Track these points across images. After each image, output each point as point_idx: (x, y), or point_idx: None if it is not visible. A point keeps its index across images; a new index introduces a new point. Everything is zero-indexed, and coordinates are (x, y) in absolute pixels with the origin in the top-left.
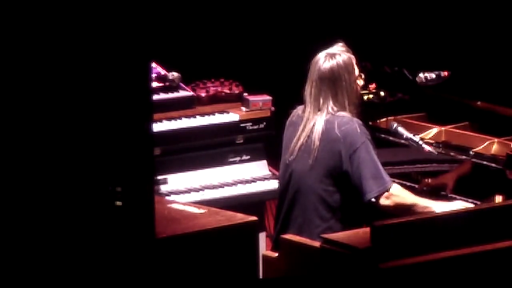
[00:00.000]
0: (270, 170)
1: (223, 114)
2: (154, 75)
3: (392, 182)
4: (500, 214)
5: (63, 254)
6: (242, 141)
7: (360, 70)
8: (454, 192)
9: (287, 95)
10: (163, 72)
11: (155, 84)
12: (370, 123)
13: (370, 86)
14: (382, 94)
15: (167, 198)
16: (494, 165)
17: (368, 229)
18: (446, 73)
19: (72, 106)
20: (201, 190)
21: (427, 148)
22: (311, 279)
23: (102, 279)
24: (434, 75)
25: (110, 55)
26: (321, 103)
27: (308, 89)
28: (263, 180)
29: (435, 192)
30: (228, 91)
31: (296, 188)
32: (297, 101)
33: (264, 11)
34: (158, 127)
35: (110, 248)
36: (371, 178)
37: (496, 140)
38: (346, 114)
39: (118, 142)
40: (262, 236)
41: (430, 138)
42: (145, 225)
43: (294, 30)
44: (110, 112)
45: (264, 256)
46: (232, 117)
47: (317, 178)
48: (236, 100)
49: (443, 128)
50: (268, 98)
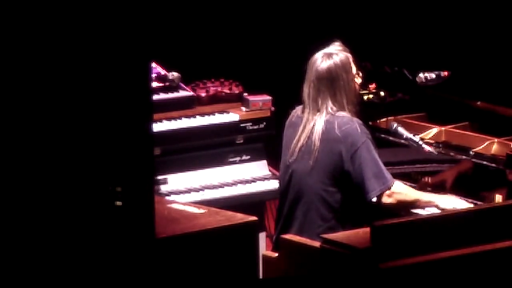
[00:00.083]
0: (270, 170)
1: (223, 114)
2: (154, 75)
3: (393, 180)
4: (500, 214)
5: (63, 254)
6: (242, 141)
7: (357, 68)
8: (454, 192)
9: (287, 95)
10: (163, 72)
11: (155, 84)
12: (370, 123)
13: (370, 86)
14: (382, 94)
15: (167, 198)
16: (494, 165)
17: (368, 229)
18: (446, 73)
19: (72, 106)
20: (201, 190)
21: (427, 148)
22: (311, 279)
23: (102, 279)
24: (434, 75)
25: (110, 55)
26: (320, 104)
27: (306, 90)
28: (263, 180)
29: (435, 190)
30: (228, 91)
31: (297, 189)
32: (297, 101)
33: (264, 11)
34: (158, 127)
35: (110, 248)
36: (373, 177)
37: (496, 140)
38: (345, 114)
39: (118, 142)
40: (262, 236)
41: (430, 138)
42: (145, 225)
43: (294, 30)
44: (110, 112)
45: (264, 256)
46: (232, 117)
47: (318, 178)
48: (236, 100)
49: (443, 128)
50: (268, 98)
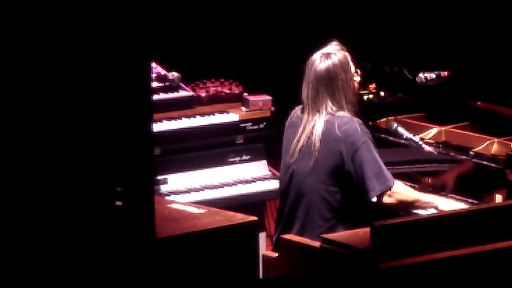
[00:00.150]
0: (270, 170)
1: (223, 114)
2: (154, 75)
3: (394, 180)
4: (500, 214)
5: (63, 254)
6: (242, 141)
7: (356, 67)
8: (454, 192)
9: (287, 95)
10: (163, 72)
11: (155, 84)
12: (370, 123)
13: (370, 86)
14: (382, 94)
15: (167, 198)
16: (494, 165)
17: (368, 229)
18: (446, 73)
19: (72, 106)
20: (201, 190)
21: (427, 148)
22: (311, 279)
23: (102, 279)
24: (434, 75)
25: (110, 55)
26: (319, 104)
27: (305, 90)
28: (263, 180)
29: (435, 192)
30: (228, 91)
31: (297, 189)
32: (296, 101)
33: (264, 11)
34: (158, 127)
35: (110, 248)
36: (374, 177)
37: (496, 140)
38: (345, 114)
39: (118, 142)
40: (262, 236)
41: (430, 138)
42: (145, 225)
43: (294, 30)
44: (110, 112)
45: (264, 256)
46: (232, 117)
47: (318, 179)
48: (236, 100)
49: (443, 128)
50: (268, 98)
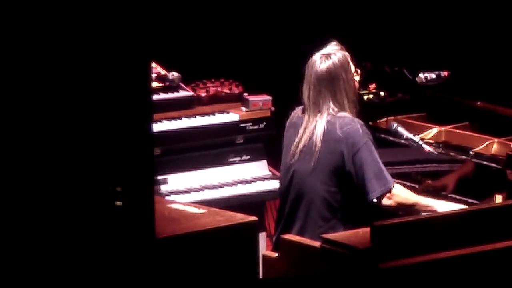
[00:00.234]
0: (270, 170)
1: (223, 114)
2: (154, 75)
3: (394, 182)
4: (500, 214)
5: (63, 254)
6: (242, 141)
7: (355, 66)
8: (454, 192)
9: (287, 95)
10: (163, 72)
11: (155, 84)
12: (370, 123)
13: (370, 86)
14: (382, 94)
15: (167, 198)
16: (494, 165)
17: (368, 229)
18: (446, 73)
19: (72, 106)
20: (201, 190)
21: (427, 148)
22: (311, 279)
23: (102, 279)
24: (434, 75)
25: (110, 55)
26: (321, 105)
27: (306, 91)
28: (263, 180)
29: (436, 193)
30: (228, 91)
31: (298, 189)
32: (297, 101)
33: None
34: (158, 127)
35: (110, 248)
36: (374, 178)
37: (496, 140)
38: (347, 114)
39: (118, 142)
40: (262, 236)
41: (430, 138)
42: (145, 225)
43: (294, 30)
44: (110, 112)
45: (264, 256)
46: (232, 117)
47: (319, 179)
48: (236, 100)
49: (443, 128)
50: (268, 98)
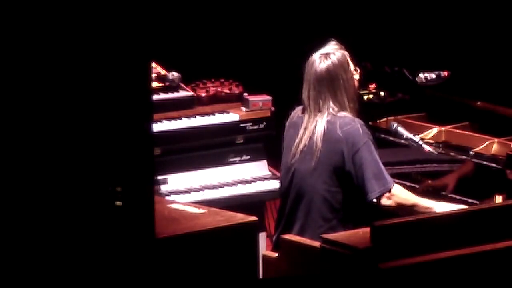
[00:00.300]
0: (270, 170)
1: (223, 114)
2: (154, 75)
3: (393, 182)
4: (500, 214)
5: (63, 254)
6: (242, 141)
7: (354, 65)
8: (454, 192)
9: (287, 95)
10: (163, 72)
11: (155, 84)
12: (370, 123)
13: (370, 86)
14: (382, 94)
15: (167, 198)
16: (494, 165)
17: (368, 229)
18: (446, 73)
19: (72, 106)
20: (201, 190)
21: (427, 148)
22: (311, 279)
23: (102, 279)
24: (434, 75)
25: (110, 55)
26: (321, 105)
27: (306, 91)
28: (263, 180)
29: (436, 192)
30: (228, 91)
31: (298, 189)
32: (297, 101)
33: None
34: (158, 127)
35: (110, 248)
36: (373, 178)
37: (496, 140)
38: (347, 114)
39: (118, 142)
40: (262, 236)
41: (430, 138)
42: (145, 225)
43: (294, 30)
44: (110, 112)
45: (264, 256)
46: (232, 117)
47: (320, 179)
48: (236, 100)
49: (443, 128)
50: (268, 98)
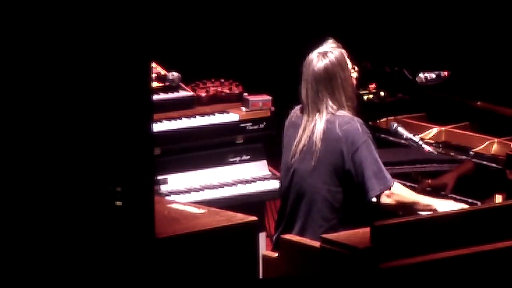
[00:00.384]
0: (270, 170)
1: (223, 114)
2: (154, 75)
3: (393, 181)
4: (500, 214)
5: (63, 254)
6: (242, 141)
7: (352, 63)
8: (454, 192)
9: (287, 95)
10: (163, 72)
11: (155, 84)
12: (370, 123)
13: (370, 86)
14: (382, 94)
15: (167, 198)
16: (494, 165)
17: (368, 229)
18: (446, 73)
19: (72, 106)
20: (201, 190)
21: (427, 148)
22: (311, 279)
23: (102, 279)
24: (434, 75)
25: (110, 55)
26: (319, 104)
27: (304, 90)
28: (263, 180)
29: (436, 192)
30: (228, 91)
31: (298, 189)
32: (296, 101)
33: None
34: (158, 127)
35: (110, 248)
36: (373, 177)
37: (496, 140)
38: (346, 113)
39: (118, 142)
40: (262, 236)
41: (430, 138)
42: (145, 225)
43: (294, 30)
44: (110, 112)
45: (264, 256)
46: (232, 117)
47: (320, 178)
48: (236, 100)
49: (443, 128)
50: (268, 98)
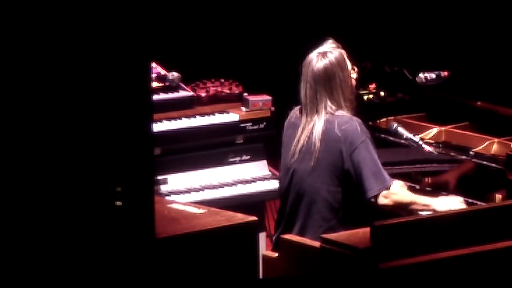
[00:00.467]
0: (270, 170)
1: (223, 114)
2: (154, 75)
3: (392, 181)
4: (500, 214)
5: (63, 254)
6: (242, 141)
7: (352, 63)
8: (455, 191)
9: (287, 95)
10: (163, 72)
11: (155, 84)
12: (370, 123)
13: (370, 86)
14: (382, 94)
15: (167, 198)
16: (494, 165)
17: (368, 229)
18: (446, 73)
19: (72, 106)
20: (201, 190)
21: (427, 148)
22: (311, 279)
23: (102, 279)
24: (434, 75)
25: (110, 55)
26: (318, 104)
27: (303, 90)
28: (263, 180)
29: (437, 191)
30: (228, 91)
31: (298, 189)
32: (296, 101)
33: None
34: (158, 127)
35: (110, 248)
36: (372, 177)
37: (496, 140)
38: (345, 113)
39: (118, 142)
40: (262, 236)
41: (430, 138)
42: (145, 225)
43: (294, 30)
44: (110, 112)
45: (264, 256)
46: (232, 117)
47: (319, 178)
48: (236, 100)
49: (443, 128)
50: (268, 98)
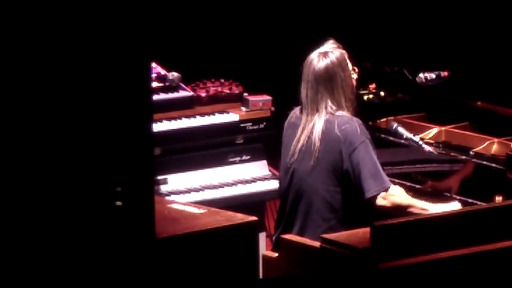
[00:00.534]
0: (270, 170)
1: (223, 114)
2: (154, 75)
3: (390, 182)
4: (500, 214)
5: (63, 254)
6: (242, 141)
7: (353, 64)
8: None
9: (287, 95)
10: (163, 72)
11: (155, 84)
12: (370, 123)
13: (370, 86)
14: (382, 94)
15: (167, 198)
16: (494, 165)
17: (368, 229)
18: (446, 73)
19: (72, 106)
20: (201, 190)
21: (427, 148)
22: (311, 279)
23: (102, 279)
24: (434, 75)
25: (110, 55)
26: (319, 104)
27: (304, 90)
28: (263, 180)
29: (439, 193)
30: (228, 91)
31: (297, 189)
32: (296, 101)
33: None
34: (158, 127)
35: (110, 248)
36: (370, 178)
37: (496, 140)
38: (345, 113)
39: (118, 142)
40: (262, 236)
41: (430, 138)
42: (145, 225)
43: (294, 30)
44: (110, 112)
45: (264, 256)
46: (232, 117)
47: (319, 178)
48: (236, 100)
49: (443, 128)
50: (268, 98)
